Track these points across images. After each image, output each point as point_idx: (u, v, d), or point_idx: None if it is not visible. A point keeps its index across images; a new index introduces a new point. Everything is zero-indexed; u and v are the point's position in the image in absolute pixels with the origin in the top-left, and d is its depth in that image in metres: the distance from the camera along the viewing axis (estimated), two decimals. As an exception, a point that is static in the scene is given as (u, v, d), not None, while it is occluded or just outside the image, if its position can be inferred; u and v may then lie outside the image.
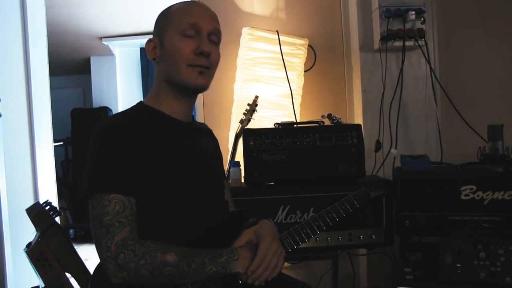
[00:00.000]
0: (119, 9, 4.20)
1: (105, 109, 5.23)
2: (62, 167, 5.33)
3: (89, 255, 2.82)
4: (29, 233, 1.64)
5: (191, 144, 1.29)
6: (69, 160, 5.33)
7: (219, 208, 1.33)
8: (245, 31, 2.28)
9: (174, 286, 1.10)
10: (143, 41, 4.90)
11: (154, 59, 1.27)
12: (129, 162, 1.12)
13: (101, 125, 1.17)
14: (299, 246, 1.31)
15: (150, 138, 1.18)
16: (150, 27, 1.31)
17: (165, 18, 1.26)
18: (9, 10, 2.67)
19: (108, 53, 5.27)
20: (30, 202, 2.72)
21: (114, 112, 5.28)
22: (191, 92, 1.29)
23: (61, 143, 5.17)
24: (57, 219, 1.75)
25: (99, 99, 5.52)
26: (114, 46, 5.14)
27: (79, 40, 4.99)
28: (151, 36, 1.31)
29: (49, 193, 3.11)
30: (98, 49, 5.26)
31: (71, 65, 5.78)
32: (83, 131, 5.15)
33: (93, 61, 5.56)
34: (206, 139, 1.42)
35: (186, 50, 1.21)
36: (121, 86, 5.39)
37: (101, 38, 5.01)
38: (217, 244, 1.16)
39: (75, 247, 1.83)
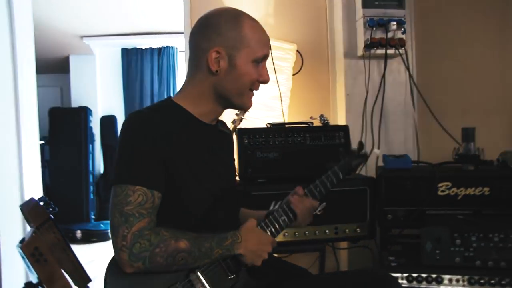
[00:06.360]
0: (101, 8, 4.21)
1: (85, 109, 5.19)
2: (38, 168, 5.24)
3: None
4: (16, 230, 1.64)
5: (214, 147, 1.36)
6: (46, 161, 5.24)
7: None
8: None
9: (186, 269, 1.20)
10: (124, 41, 4.90)
11: (216, 71, 1.25)
12: (159, 157, 1.17)
13: (135, 117, 1.22)
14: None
15: (179, 137, 1.23)
16: (133, 28, 1.35)
17: (239, 36, 1.25)
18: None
19: (89, 52, 5.24)
20: (16, 201, 2.74)
21: (94, 113, 5.27)
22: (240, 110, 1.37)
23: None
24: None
25: (77, 98, 5.45)
26: (95, 45, 5.14)
27: (58, 38, 4.95)
28: (133, 37, 1.35)
29: (34, 193, 3.10)
30: (78, 48, 5.24)
31: (49, 64, 5.70)
32: (61, 130, 5.11)
33: (73, 60, 5.51)
34: (228, 142, 1.50)
35: (254, 77, 1.29)
36: (101, 86, 5.38)
37: (82, 37, 5.00)
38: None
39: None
